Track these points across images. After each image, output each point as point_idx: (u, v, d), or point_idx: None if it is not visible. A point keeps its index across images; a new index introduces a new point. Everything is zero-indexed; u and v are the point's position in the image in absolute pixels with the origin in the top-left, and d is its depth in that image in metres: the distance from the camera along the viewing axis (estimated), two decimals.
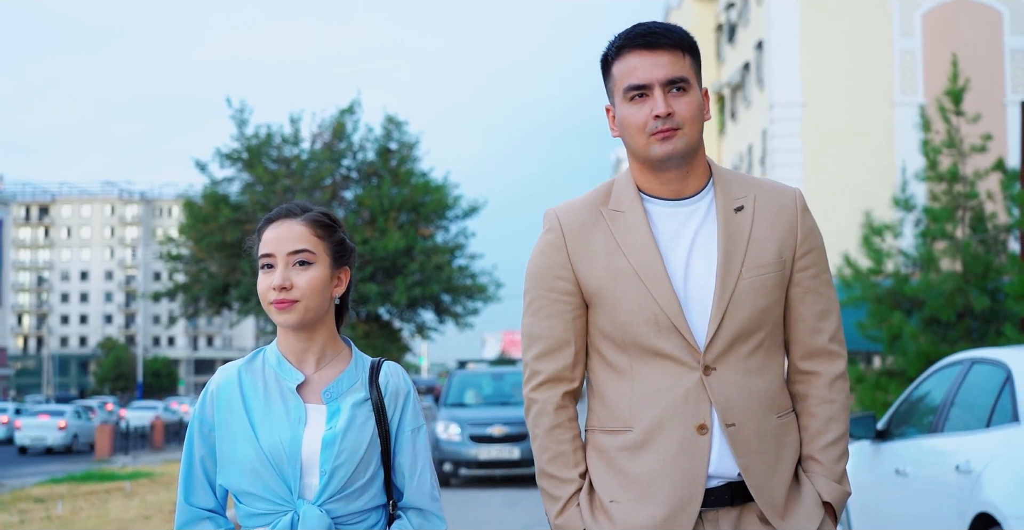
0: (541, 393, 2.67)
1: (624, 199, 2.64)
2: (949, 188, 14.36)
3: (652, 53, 2.56)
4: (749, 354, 2.58)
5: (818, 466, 2.61)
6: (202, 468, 2.59)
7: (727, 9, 40.85)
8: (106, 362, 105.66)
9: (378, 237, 39.95)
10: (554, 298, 2.65)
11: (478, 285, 43.15)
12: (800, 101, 33.83)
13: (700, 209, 2.63)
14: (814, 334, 2.65)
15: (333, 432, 2.52)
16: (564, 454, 2.64)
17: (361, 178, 42.04)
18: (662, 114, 2.52)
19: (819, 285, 2.65)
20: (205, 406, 2.60)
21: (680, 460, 2.53)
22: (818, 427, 2.62)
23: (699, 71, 2.63)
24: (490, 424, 16.52)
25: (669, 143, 2.54)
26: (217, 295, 41.63)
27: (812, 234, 2.66)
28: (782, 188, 2.69)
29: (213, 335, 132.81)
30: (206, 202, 40.54)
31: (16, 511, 13.71)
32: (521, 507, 13.64)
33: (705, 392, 2.53)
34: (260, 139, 40.65)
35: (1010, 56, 34.06)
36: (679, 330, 2.54)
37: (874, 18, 33.09)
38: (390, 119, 42.22)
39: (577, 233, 2.64)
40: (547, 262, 2.66)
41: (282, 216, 2.62)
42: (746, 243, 2.59)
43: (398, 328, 44.97)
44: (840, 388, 2.65)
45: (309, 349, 2.61)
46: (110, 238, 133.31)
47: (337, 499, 2.51)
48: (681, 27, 2.62)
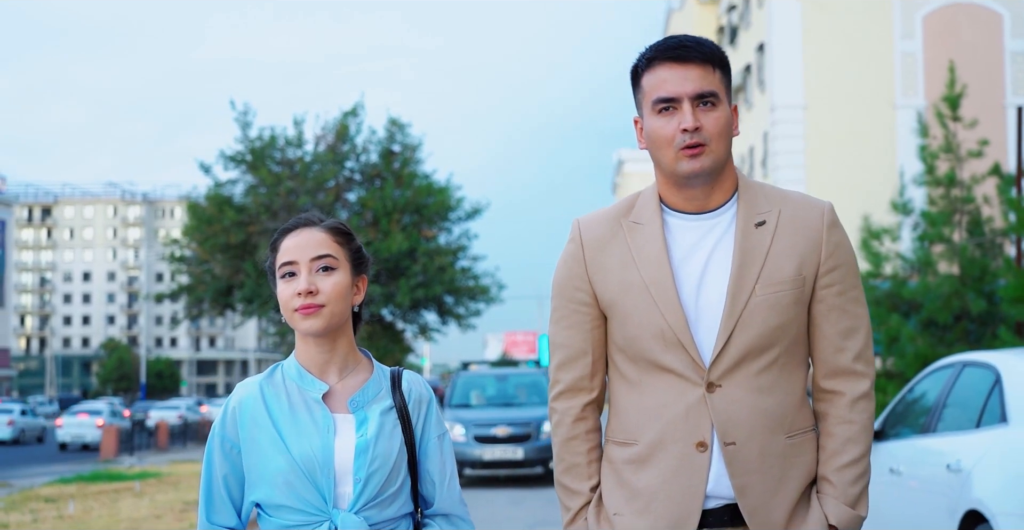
0: (561, 403, 2.69)
1: (645, 211, 2.64)
2: (946, 192, 14.58)
3: (682, 66, 2.54)
4: (760, 372, 2.54)
5: (831, 488, 2.57)
6: (224, 486, 2.57)
7: (729, 11, 40.88)
8: (109, 363, 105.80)
9: (381, 239, 40.12)
10: (573, 309, 2.67)
11: (480, 286, 43.31)
12: (801, 103, 33.88)
13: (721, 223, 2.61)
14: (837, 353, 2.60)
15: (365, 439, 2.52)
16: (578, 466, 2.66)
17: (364, 180, 42.21)
18: (690, 128, 2.51)
19: (845, 302, 2.60)
20: (226, 423, 2.57)
21: (679, 477, 2.52)
22: (835, 448, 2.58)
23: (729, 86, 2.61)
24: (494, 425, 16.65)
25: (696, 161, 2.53)
26: (221, 296, 41.80)
27: (839, 250, 2.61)
28: (811, 202, 2.64)
29: (215, 336, 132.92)
30: (210, 204, 40.71)
31: (28, 511, 13.85)
32: (526, 506, 13.79)
33: (707, 409, 2.52)
34: (264, 141, 40.82)
35: (1010, 58, 34.05)
36: (684, 346, 2.53)
37: (875, 20, 33.17)
38: (393, 121, 42.39)
39: (595, 244, 2.65)
40: (568, 273, 2.68)
41: (300, 225, 2.62)
42: (763, 259, 2.55)
43: (401, 329, 45.12)
44: (862, 409, 2.60)
45: (331, 360, 2.60)
46: (112, 239, 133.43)
47: (371, 506, 2.51)
48: (713, 42, 2.60)
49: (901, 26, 33.88)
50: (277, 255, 2.60)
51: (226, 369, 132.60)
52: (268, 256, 2.65)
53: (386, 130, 42.11)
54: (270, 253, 2.64)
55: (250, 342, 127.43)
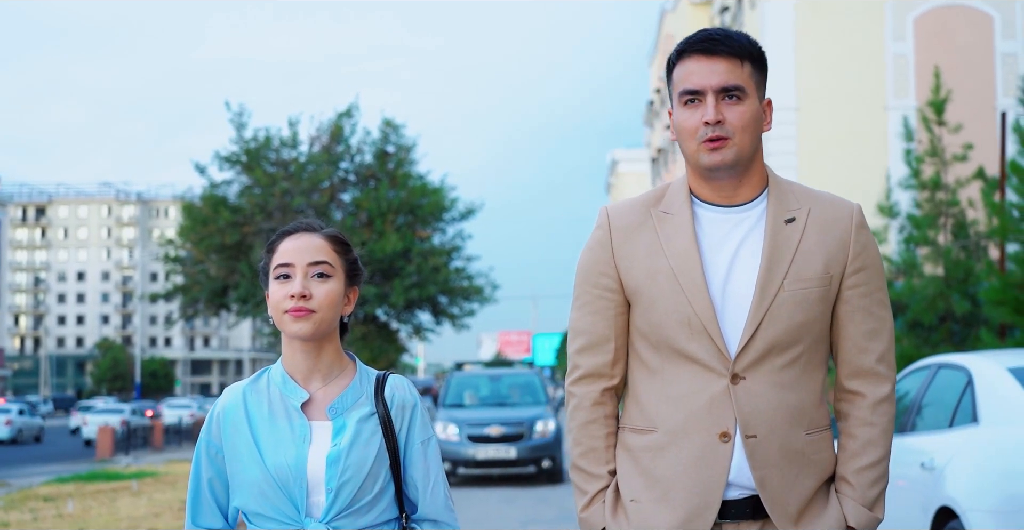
0: (580, 387, 2.69)
1: (675, 202, 2.65)
2: (932, 196, 14.85)
3: (710, 59, 2.55)
4: (783, 367, 2.55)
5: (850, 489, 2.59)
6: (210, 490, 2.59)
7: (721, 13, 40.96)
8: (103, 362, 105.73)
9: (376, 239, 40.27)
10: (598, 294, 2.67)
11: (475, 287, 43.47)
12: (794, 105, 33.95)
13: (751, 217, 2.62)
14: (860, 353, 2.62)
15: (337, 449, 2.51)
16: (596, 450, 2.66)
17: (359, 181, 42.35)
18: (711, 121, 2.52)
19: (870, 304, 2.61)
20: (212, 429, 2.58)
21: (700, 466, 2.53)
22: (855, 449, 2.60)
23: (762, 80, 2.61)
24: (487, 424, 16.80)
25: (718, 153, 2.54)
26: (216, 297, 41.94)
27: (866, 251, 2.63)
28: (840, 202, 2.66)
29: (209, 336, 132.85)
30: (205, 204, 40.83)
31: (27, 510, 13.98)
32: (518, 504, 13.94)
33: (730, 400, 2.53)
34: (259, 142, 40.94)
35: (1001, 60, 34.11)
36: (711, 335, 2.53)
37: (867, 22, 33.30)
38: (387, 122, 42.51)
39: (624, 231, 2.66)
40: (593, 258, 2.69)
41: (301, 229, 2.62)
42: (792, 256, 2.56)
43: (395, 329, 45.27)
44: (884, 412, 2.62)
45: (316, 367, 2.59)
46: (107, 239, 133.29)
47: (345, 515, 2.50)
48: (747, 36, 2.61)
49: (892, 28, 33.94)
50: (274, 256, 2.59)
51: (220, 369, 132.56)
52: (263, 256, 2.65)
53: (380, 131, 42.25)
54: (266, 254, 2.63)
55: (244, 342, 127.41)
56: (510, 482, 16.99)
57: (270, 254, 2.61)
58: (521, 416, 17.06)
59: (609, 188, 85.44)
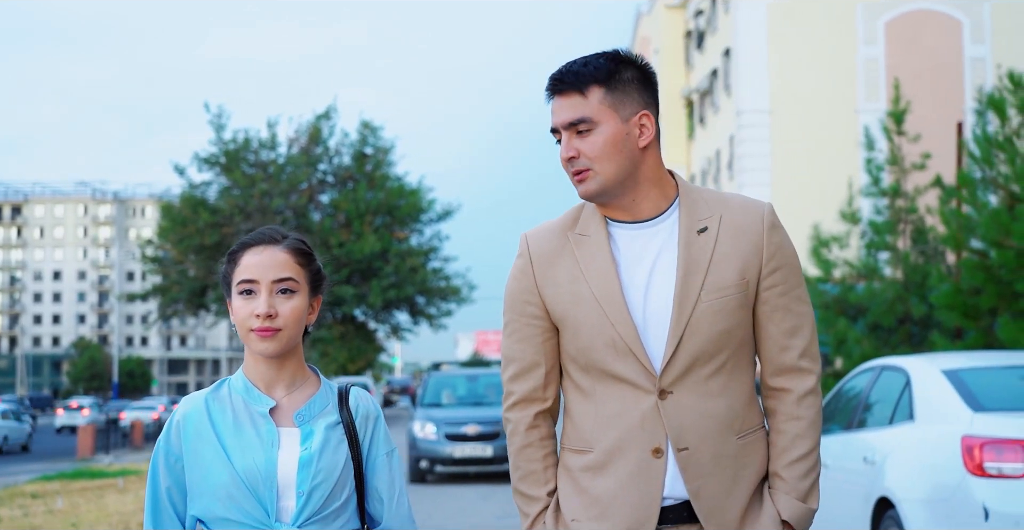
0: (515, 413, 2.72)
1: (590, 223, 2.66)
2: (892, 203, 15.47)
3: (560, 97, 2.60)
4: (709, 376, 2.57)
5: (781, 483, 2.61)
6: (168, 498, 2.55)
7: (696, 16, 40.96)
8: (80, 362, 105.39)
9: (354, 240, 40.58)
10: (525, 322, 2.69)
11: (452, 287, 43.86)
12: (767, 108, 34.00)
13: (663, 231, 2.63)
14: (783, 351, 2.64)
15: (309, 453, 2.51)
16: (534, 473, 2.69)
17: (337, 182, 42.66)
18: (564, 157, 2.58)
19: (788, 302, 2.63)
20: (171, 437, 2.55)
21: (637, 482, 2.56)
22: (784, 444, 2.62)
23: (624, 99, 2.59)
24: (464, 423, 17.06)
25: (583, 184, 2.58)
26: (195, 297, 42.18)
27: (780, 251, 2.63)
28: (750, 205, 2.66)
29: (186, 335, 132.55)
30: (184, 205, 41.00)
31: (16, 506, 14.28)
32: (495, 500, 14.24)
33: (659, 416, 2.55)
34: (238, 144, 41.13)
35: (970, 64, 34.12)
36: (635, 355, 2.55)
37: (839, 26, 33.50)
38: (365, 124, 42.75)
39: (544, 258, 2.67)
40: (518, 287, 2.70)
41: (263, 242, 2.57)
42: (707, 266, 2.57)
43: (373, 329, 45.64)
44: (809, 404, 2.63)
45: (280, 376, 2.58)
46: (83, 238, 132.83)
47: (314, 521, 2.49)
48: (600, 58, 2.62)
49: (864, 32, 34.01)
50: (236, 269, 2.55)
51: (197, 368, 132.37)
52: (224, 265, 2.61)
53: (359, 133, 42.58)
54: (227, 263, 2.59)
55: (221, 341, 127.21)
56: (487, 480, 17.28)
57: (232, 265, 2.57)
58: (497, 415, 17.18)
59: None
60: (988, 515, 5.66)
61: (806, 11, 33.57)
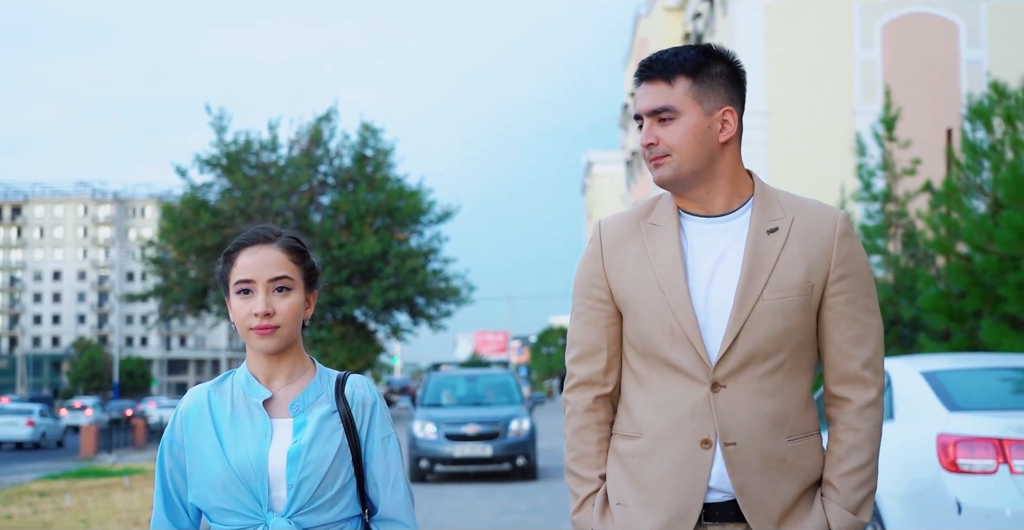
0: (574, 395, 2.77)
1: (663, 214, 2.71)
2: (882, 207, 15.81)
3: (645, 84, 2.66)
4: (764, 375, 2.59)
5: (834, 493, 2.62)
6: (174, 487, 2.64)
7: (694, 19, 41.08)
8: (80, 362, 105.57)
9: (354, 241, 40.83)
10: (590, 305, 2.74)
11: (451, 288, 44.15)
12: (765, 110, 34.10)
13: (734, 227, 2.67)
14: (846, 359, 2.65)
15: (298, 445, 2.56)
16: (588, 455, 2.73)
17: (337, 184, 42.92)
18: (644, 143, 2.65)
19: (855, 310, 2.64)
20: (175, 428, 2.64)
21: (683, 472, 2.59)
22: (840, 454, 2.64)
23: (710, 92, 2.64)
24: (464, 423, 17.19)
25: (658, 170, 2.64)
26: (196, 298, 42.44)
27: (850, 259, 2.65)
28: (825, 210, 2.69)
29: (186, 335, 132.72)
30: (186, 207, 41.26)
31: (25, 504, 14.54)
32: (494, 498, 14.46)
33: (711, 408, 2.58)
34: (239, 146, 41.39)
35: (966, 67, 34.18)
36: (692, 343, 2.59)
37: (836, 29, 33.59)
38: (366, 126, 43.01)
39: (614, 244, 2.72)
40: (587, 270, 2.76)
41: (258, 241, 2.63)
42: (772, 265, 2.60)
43: (373, 330, 45.91)
44: (869, 416, 2.65)
45: (279, 368, 2.65)
46: (83, 238, 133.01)
47: (307, 511, 2.55)
48: (690, 49, 2.67)
49: (861, 35, 34.10)
50: (233, 269, 2.63)
51: (197, 368, 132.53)
52: (221, 265, 2.68)
53: (359, 135, 42.85)
54: (223, 263, 2.66)
55: (221, 341, 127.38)
56: (486, 479, 17.47)
57: (229, 265, 2.64)
58: (497, 415, 17.49)
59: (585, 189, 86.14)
60: (961, 509, 5.97)
61: (803, 14, 33.65)
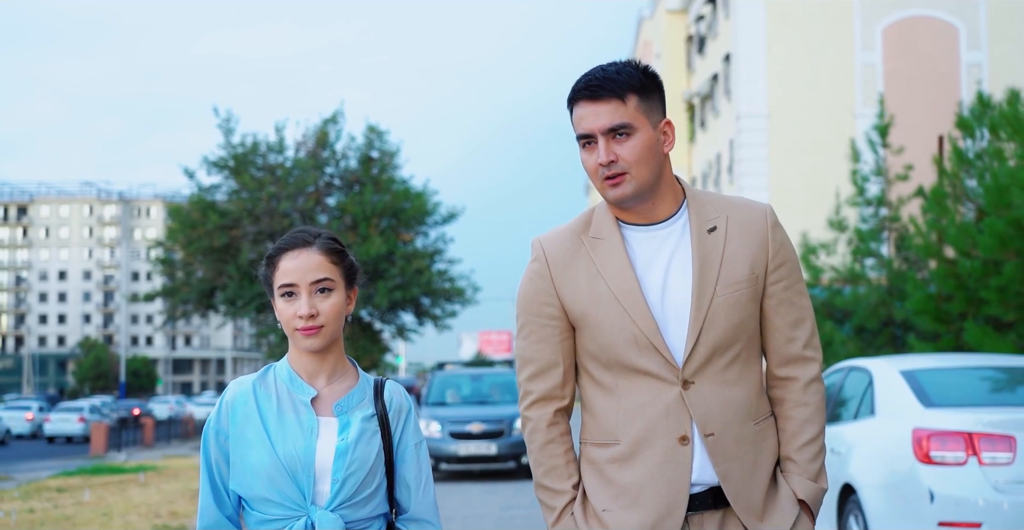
0: (534, 411, 2.81)
1: (603, 227, 2.76)
2: (876, 212, 16.27)
3: (594, 103, 2.67)
4: (726, 367, 2.69)
5: (794, 466, 2.74)
6: (219, 474, 2.74)
7: (697, 21, 41.05)
8: (86, 361, 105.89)
9: (360, 242, 41.13)
10: (542, 323, 2.78)
11: (456, 288, 44.44)
12: (765, 112, 34.21)
13: (675, 231, 2.75)
14: (789, 342, 2.77)
15: (346, 442, 2.66)
16: (557, 467, 2.78)
17: (344, 185, 43.22)
18: (603, 162, 2.66)
19: (792, 295, 2.77)
20: (221, 416, 2.73)
21: (665, 470, 2.66)
22: (794, 429, 2.75)
23: (653, 106, 2.72)
24: (469, 422, 17.29)
25: (619, 188, 2.68)
26: (204, 298, 42.79)
27: (783, 248, 2.77)
28: (753, 206, 2.80)
29: (191, 335, 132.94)
30: (194, 208, 41.61)
31: (44, 499, 14.92)
32: (499, 494, 14.74)
33: (685, 405, 2.66)
34: (246, 147, 41.75)
35: (966, 70, 34.20)
36: (658, 349, 2.67)
37: (836, 32, 33.88)
38: (372, 128, 43.29)
39: (560, 261, 2.76)
40: (534, 289, 2.79)
41: (297, 245, 2.73)
42: (719, 262, 2.70)
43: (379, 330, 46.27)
44: (815, 390, 2.77)
45: (322, 368, 2.75)
46: (88, 238, 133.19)
47: (347, 506, 2.66)
48: (631, 67, 2.72)
49: (861, 38, 34.40)
50: (276, 273, 2.72)
51: (202, 368, 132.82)
52: (263, 268, 2.78)
53: (365, 137, 43.17)
54: (266, 267, 2.76)
55: (226, 341, 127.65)
56: (490, 477, 17.59)
57: (271, 269, 2.74)
58: (501, 414, 17.60)
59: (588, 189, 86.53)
60: (933, 498, 6.44)
61: (804, 17, 33.89)
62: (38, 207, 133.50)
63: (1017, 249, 10.50)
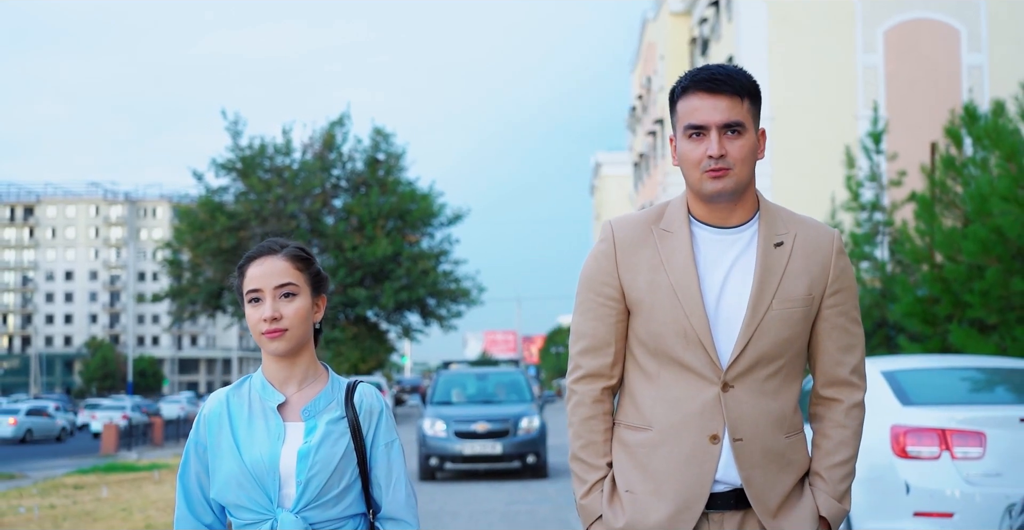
0: (581, 386, 2.89)
1: (674, 221, 2.83)
2: (870, 216, 16.73)
3: (713, 96, 2.73)
4: (767, 378, 2.76)
5: (823, 483, 2.81)
6: (198, 485, 2.81)
7: (700, 24, 41.15)
8: (93, 361, 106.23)
9: (366, 244, 41.55)
10: (600, 302, 2.86)
11: (462, 289, 44.88)
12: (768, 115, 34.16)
13: (743, 239, 2.81)
14: (837, 366, 2.84)
15: (308, 445, 2.73)
16: (595, 443, 2.86)
17: (350, 187, 43.63)
18: (715, 155, 2.71)
19: (846, 322, 2.83)
20: (199, 429, 2.82)
21: (691, 464, 2.74)
22: (829, 448, 2.83)
23: (757, 114, 2.80)
24: (474, 421, 17.28)
25: (719, 181, 2.74)
26: (212, 299, 43.21)
27: (844, 275, 2.84)
28: (822, 229, 2.87)
29: (197, 335, 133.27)
30: (202, 210, 41.98)
31: (62, 496, 15.28)
32: (505, 491, 15.01)
33: (720, 406, 2.74)
34: (254, 150, 42.12)
35: (967, 72, 34.28)
36: (705, 346, 2.74)
37: (839, 34, 34.07)
38: (378, 131, 43.67)
39: (627, 246, 2.84)
40: (598, 268, 2.86)
41: (263, 254, 2.80)
42: (780, 277, 2.76)
43: (385, 330, 46.67)
44: (855, 416, 2.85)
45: (292, 374, 2.82)
46: (95, 239, 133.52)
47: (313, 507, 2.72)
48: (746, 73, 2.81)
49: (863, 40, 34.54)
50: (244, 281, 2.80)
51: (208, 368, 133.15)
52: (235, 277, 2.85)
53: (371, 139, 43.59)
54: (237, 276, 2.84)
55: (232, 341, 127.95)
56: (496, 476, 17.70)
57: (241, 278, 2.82)
58: (507, 413, 17.59)
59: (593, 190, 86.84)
60: (909, 490, 6.91)
61: (806, 19, 34.09)
62: (44, 208, 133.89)
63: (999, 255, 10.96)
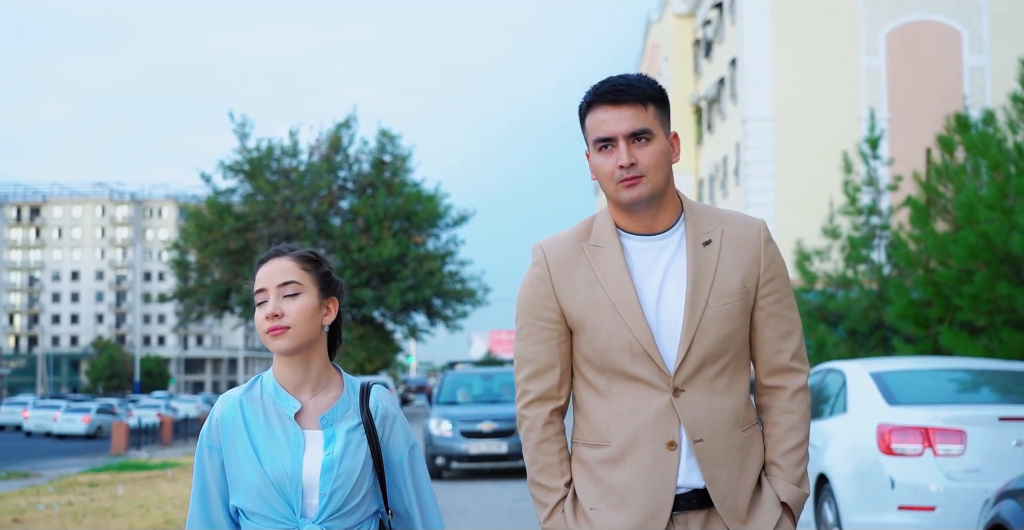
0: (531, 410, 2.88)
1: (603, 235, 2.82)
2: (867, 220, 17.11)
3: (616, 108, 2.73)
4: (715, 376, 2.76)
5: (778, 470, 2.82)
6: (217, 488, 2.76)
7: (704, 26, 41.50)
8: (99, 361, 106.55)
9: (373, 244, 41.82)
10: (541, 326, 2.85)
11: (467, 290, 45.16)
12: (771, 116, 34.54)
13: (672, 243, 2.81)
14: (777, 353, 2.84)
15: (331, 457, 2.70)
16: (551, 465, 2.85)
17: (357, 189, 43.87)
18: (625, 164, 2.71)
19: (782, 309, 2.85)
20: (211, 432, 2.76)
21: (652, 473, 2.74)
22: (779, 435, 2.83)
23: (666, 117, 2.80)
24: (480, 421, 17.40)
25: (634, 190, 2.73)
26: (220, 299, 43.53)
27: (774, 263, 2.84)
28: (748, 221, 2.87)
29: (203, 334, 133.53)
30: (210, 212, 42.28)
31: (78, 493, 15.54)
32: (511, 488, 15.25)
33: (674, 412, 2.73)
34: (261, 152, 42.42)
35: (968, 73, 34.54)
36: (651, 357, 2.73)
37: (841, 36, 34.32)
38: (384, 133, 43.87)
39: (561, 267, 2.83)
40: (534, 293, 2.86)
41: (271, 256, 2.80)
42: (713, 275, 2.76)
43: (391, 330, 46.99)
44: (801, 400, 2.85)
45: (305, 379, 2.77)
46: (101, 239, 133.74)
47: (336, 517, 2.70)
48: (648, 79, 2.80)
49: (866, 42, 34.83)
50: (254, 284, 2.80)
51: (213, 367, 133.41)
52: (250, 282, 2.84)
53: (377, 141, 43.86)
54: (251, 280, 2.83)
55: (238, 341, 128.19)
56: (502, 475, 17.76)
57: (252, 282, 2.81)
58: (512, 413, 17.40)
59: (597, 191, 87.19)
60: (894, 485, 7.30)
61: (810, 21, 34.31)
62: (51, 208, 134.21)
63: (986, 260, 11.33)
